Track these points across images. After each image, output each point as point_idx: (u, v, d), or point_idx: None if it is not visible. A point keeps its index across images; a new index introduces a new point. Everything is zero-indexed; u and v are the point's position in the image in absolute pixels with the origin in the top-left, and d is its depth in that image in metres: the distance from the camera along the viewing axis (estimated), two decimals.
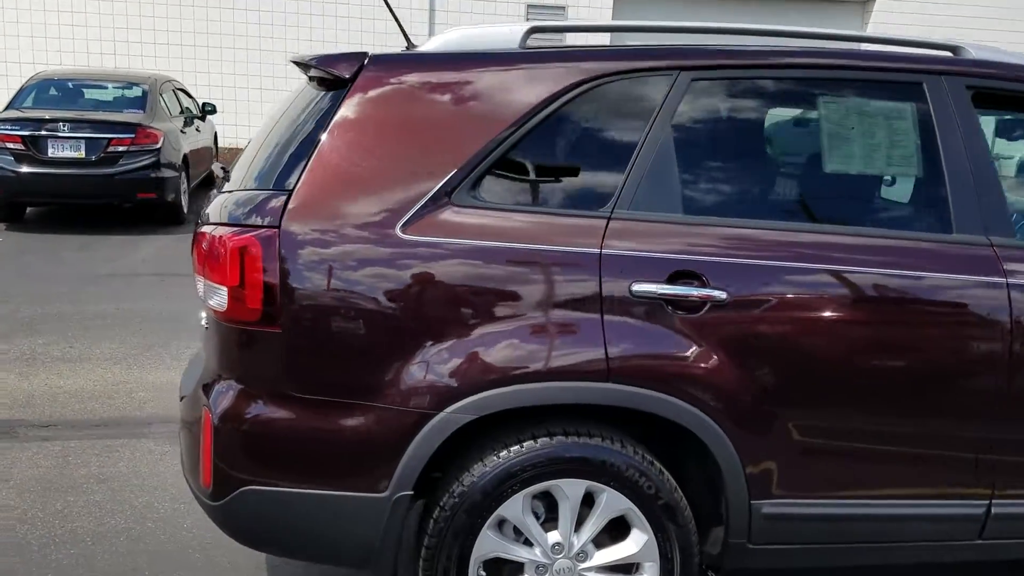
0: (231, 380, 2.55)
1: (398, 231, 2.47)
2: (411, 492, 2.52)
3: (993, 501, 2.76)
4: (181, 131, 10.38)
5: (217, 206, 2.69)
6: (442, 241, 2.48)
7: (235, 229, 2.50)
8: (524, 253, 2.50)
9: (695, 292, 2.52)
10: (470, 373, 2.46)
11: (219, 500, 2.54)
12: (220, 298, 2.51)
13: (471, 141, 2.54)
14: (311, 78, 2.83)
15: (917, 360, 2.65)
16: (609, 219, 2.55)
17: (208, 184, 12.45)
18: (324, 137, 2.52)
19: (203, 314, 2.76)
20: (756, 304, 2.56)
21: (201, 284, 2.62)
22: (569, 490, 2.57)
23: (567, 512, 2.59)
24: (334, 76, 2.59)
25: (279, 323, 2.45)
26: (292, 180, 2.51)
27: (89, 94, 10.47)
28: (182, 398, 2.81)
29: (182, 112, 10.98)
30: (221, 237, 2.50)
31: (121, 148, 9.31)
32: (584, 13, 16.43)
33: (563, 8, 16.59)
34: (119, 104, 10.20)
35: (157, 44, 15.16)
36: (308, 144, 2.55)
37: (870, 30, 16.92)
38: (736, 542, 2.69)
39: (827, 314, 2.58)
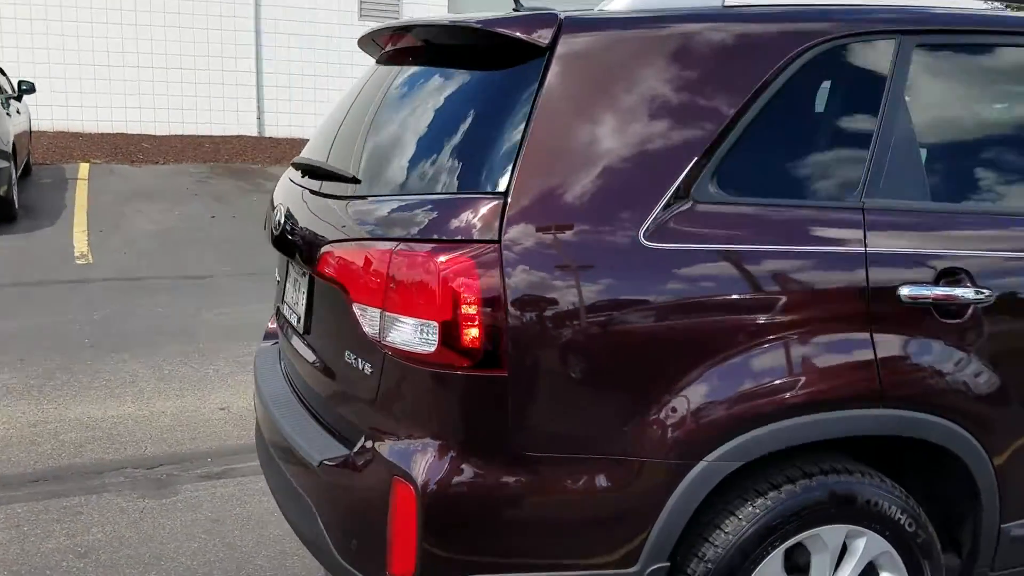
0: (426, 439, 1.94)
1: (642, 239, 1.95)
2: (667, 563, 2.02)
3: None
4: (6, 114, 8.95)
5: (364, 216, 2.08)
6: (694, 249, 1.98)
7: (436, 246, 1.89)
8: (785, 256, 2.04)
9: (968, 293, 2.15)
10: (735, 409, 1.99)
11: None
12: (417, 335, 1.90)
13: (704, 122, 2.04)
14: (438, 47, 2.24)
15: None
16: (863, 210, 2.14)
17: (27, 174, 10.92)
18: (532, 123, 1.94)
19: (347, 352, 2.11)
20: (1020, 303, 2.24)
21: (372, 316, 1.98)
22: (829, 539, 2.16)
23: (824, 565, 2.17)
24: (525, 43, 2.01)
25: (505, 364, 1.87)
26: (496, 180, 1.92)
27: None
28: (321, 463, 2.14)
29: None
30: (419, 257, 1.89)
31: None
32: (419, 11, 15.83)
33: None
34: None
35: None
36: (502, 131, 1.97)
37: None
38: (979, 571, 2.38)
39: None
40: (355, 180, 2.20)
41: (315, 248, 2.23)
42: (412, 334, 1.91)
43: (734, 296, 1.99)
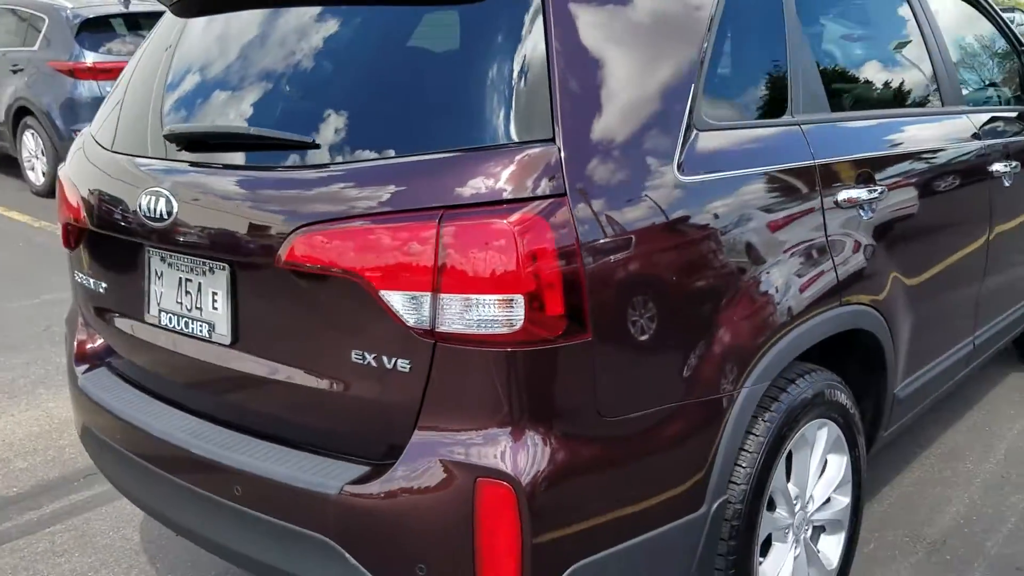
0: (496, 428, 1.69)
1: (677, 174, 1.87)
2: (725, 495, 2.02)
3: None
4: None
5: (361, 186, 1.77)
6: (712, 179, 1.96)
7: (493, 208, 1.64)
8: (774, 176, 2.12)
9: (863, 193, 2.37)
10: (765, 328, 2.04)
11: None
12: (490, 314, 1.65)
13: (694, 41, 1.99)
14: None
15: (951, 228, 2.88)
16: (800, 125, 2.26)
17: None
18: (554, 57, 1.74)
19: (355, 352, 1.76)
20: (903, 194, 2.55)
21: (415, 303, 1.67)
22: (810, 434, 2.31)
23: (806, 460, 2.32)
24: None
25: (589, 327, 1.70)
26: (538, 126, 1.71)
27: None
28: (342, 489, 1.76)
29: None
30: (483, 223, 1.63)
31: None
32: None
33: None
34: None
35: None
36: (520, 69, 1.74)
37: None
38: (879, 435, 2.69)
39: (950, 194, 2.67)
40: (313, 145, 1.83)
41: (261, 236, 1.83)
42: (483, 314, 1.64)
43: (751, 220, 2.02)
